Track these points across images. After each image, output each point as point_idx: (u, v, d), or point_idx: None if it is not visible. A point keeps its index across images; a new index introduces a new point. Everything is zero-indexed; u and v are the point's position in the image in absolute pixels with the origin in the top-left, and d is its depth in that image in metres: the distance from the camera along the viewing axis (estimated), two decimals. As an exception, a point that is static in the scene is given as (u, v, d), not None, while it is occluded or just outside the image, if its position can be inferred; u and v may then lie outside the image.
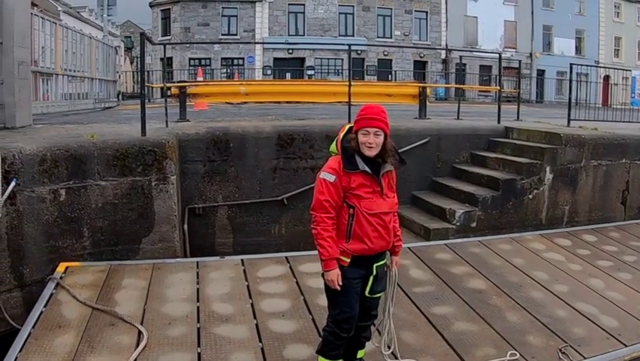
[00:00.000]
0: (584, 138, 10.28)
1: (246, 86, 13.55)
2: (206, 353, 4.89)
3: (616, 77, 21.96)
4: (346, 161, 4.11)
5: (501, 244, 8.49)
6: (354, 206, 4.10)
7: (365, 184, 4.12)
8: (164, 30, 41.51)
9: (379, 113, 4.13)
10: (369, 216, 4.11)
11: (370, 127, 4.06)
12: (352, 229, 4.11)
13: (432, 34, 43.76)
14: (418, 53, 42.82)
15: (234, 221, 9.34)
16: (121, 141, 7.40)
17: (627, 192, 10.83)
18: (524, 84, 42.33)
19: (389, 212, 4.24)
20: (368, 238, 4.12)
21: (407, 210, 10.01)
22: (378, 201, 4.16)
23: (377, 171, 4.17)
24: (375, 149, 4.09)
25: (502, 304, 6.37)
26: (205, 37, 39.15)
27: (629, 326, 6.00)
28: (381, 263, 4.35)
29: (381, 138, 4.10)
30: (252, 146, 9.36)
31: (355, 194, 4.09)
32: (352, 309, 4.24)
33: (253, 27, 40.35)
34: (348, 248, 4.13)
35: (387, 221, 4.21)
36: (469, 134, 11.32)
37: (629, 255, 8.42)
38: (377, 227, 4.14)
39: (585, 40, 48.94)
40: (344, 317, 4.25)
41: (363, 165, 4.10)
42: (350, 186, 4.08)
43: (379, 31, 42.60)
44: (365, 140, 4.06)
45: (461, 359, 5.10)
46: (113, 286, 6.19)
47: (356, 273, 4.20)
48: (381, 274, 4.36)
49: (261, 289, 6.33)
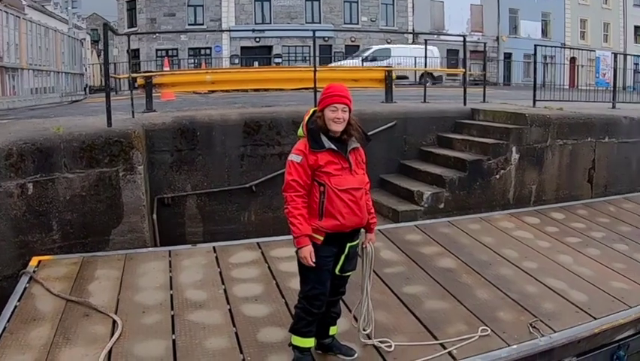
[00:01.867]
0: (549, 118, 10.42)
1: (212, 75, 13.52)
2: (180, 340, 4.91)
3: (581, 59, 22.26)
4: (312, 141, 4.23)
5: (470, 223, 8.61)
6: (324, 183, 4.19)
7: (333, 161, 4.22)
8: (130, 21, 41.03)
9: (344, 90, 4.30)
10: (340, 192, 4.20)
11: (338, 103, 4.20)
12: (324, 206, 4.21)
13: (399, 20, 43.73)
14: (385, 38, 42.78)
15: (203, 210, 9.32)
16: (87, 133, 7.36)
17: (593, 171, 11.00)
18: (492, 67, 42.72)
19: (359, 188, 4.33)
20: (340, 214, 4.21)
21: (375, 193, 9.94)
22: (347, 177, 4.26)
23: (344, 148, 4.28)
24: (342, 124, 4.23)
25: (473, 282, 6.48)
26: (171, 27, 38.74)
27: (598, 300, 6.13)
28: (354, 243, 4.44)
29: (347, 113, 4.25)
30: (219, 134, 9.35)
31: (324, 171, 4.19)
32: (323, 286, 4.34)
33: (219, 16, 40.02)
34: (321, 226, 4.22)
35: (359, 197, 4.31)
36: (435, 116, 11.42)
37: (597, 231, 8.59)
38: (348, 203, 4.23)
39: (551, 23, 49.25)
40: (315, 293, 4.33)
41: (329, 143, 4.23)
42: (318, 164, 4.18)
43: (346, 18, 42.46)
44: (333, 116, 4.19)
45: (433, 337, 5.17)
46: (87, 277, 6.18)
47: (329, 251, 4.29)
48: (352, 254, 4.45)
49: (233, 275, 6.36)
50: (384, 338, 5.01)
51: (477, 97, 13.62)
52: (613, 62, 14.21)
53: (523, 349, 5.08)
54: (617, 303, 6.09)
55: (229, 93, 15.70)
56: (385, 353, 4.82)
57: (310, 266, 4.22)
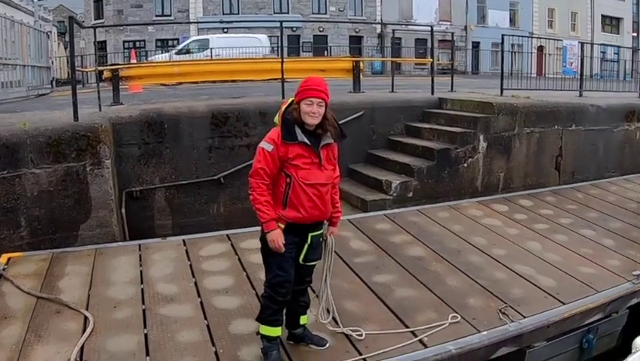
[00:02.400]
0: (516, 107, 10.54)
1: (179, 67, 13.45)
2: (152, 334, 4.90)
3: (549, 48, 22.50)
4: (286, 132, 4.24)
5: (439, 212, 8.69)
6: (291, 175, 4.21)
7: (303, 155, 4.23)
8: (97, 13, 40.46)
9: (322, 84, 4.29)
10: (306, 186, 4.23)
11: (314, 97, 4.19)
12: (289, 197, 4.24)
13: (367, 9, 43.74)
14: (353, 28, 42.83)
15: (172, 202, 9.28)
16: (53, 128, 7.28)
17: (561, 158, 11.15)
18: (460, 56, 42.93)
19: (326, 183, 4.36)
20: (303, 207, 4.25)
21: (344, 183, 10.02)
22: (315, 172, 4.28)
23: (317, 143, 4.29)
24: (317, 118, 4.23)
25: (442, 269, 6.54)
26: (139, 18, 38.27)
27: (567, 285, 6.23)
28: (317, 233, 4.47)
29: (323, 108, 4.25)
30: (186, 126, 9.30)
31: (293, 164, 4.21)
32: (287, 273, 4.37)
33: (187, 7, 39.71)
34: (283, 215, 4.26)
35: (324, 192, 4.33)
36: (403, 106, 11.49)
37: (565, 218, 8.73)
38: (312, 197, 4.26)
39: (519, 12, 49.63)
40: (279, 280, 4.37)
41: (302, 136, 4.24)
42: (287, 157, 4.20)
43: (314, 8, 42.36)
44: (309, 109, 4.19)
45: (404, 325, 5.22)
46: (57, 274, 6.12)
47: (290, 239, 4.31)
48: (316, 243, 4.49)
49: (203, 268, 6.35)
50: (355, 326, 5.05)
51: (445, 86, 13.69)
52: (580, 50, 14.37)
53: (493, 335, 5.15)
54: (586, 288, 6.20)
55: (197, 85, 15.61)
56: (357, 342, 4.85)
57: (274, 253, 4.28)
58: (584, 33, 50.84)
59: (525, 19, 49.32)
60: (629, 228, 8.43)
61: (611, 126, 11.87)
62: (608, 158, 11.97)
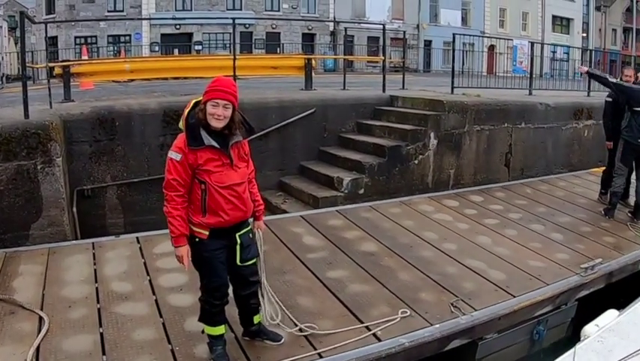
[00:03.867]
0: (466, 105, 10.74)
1: (130, 64, 13.31)
2: (108, 333, 4.87)
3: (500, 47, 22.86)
4: (191, 138, 4.13)
5: (391, 207, 8.81)
6: (205, 181, 4.13)
7: (213, 158, 4.14)
8: (49, 8, 39.41)
9: (230, 86, 4.16)
10: (221, 189, 4.16)
11: (220, 99, 4.08)
12: (206, 203, 4.16)
13: (320, 7, 43.72)
14: (306, 25, 42.80)
15: (124, 200, 9.22)
16: (3, 125, 7.16)
17: (510, 155, 11.41)
18: (412, 54, 43.24)
19: (241, 182, 4.30)
20: (223, 211, 4.18)
21: (296, 180, 10.23)
22: (229, 173, 4.20)
23: (225, 144, 4.20)
24: (223, 121, 4.11)
25: (394, 264, 6.64)
26: (91, 14, 37.45)
27: (517, 278, 6.41)
28: (243, 231, 4.42)
29: (229, 110, 4.13)
30: (138, 123, 9.25)
31: (204, 169, 4.12)
32: (220, 278, 4.36)
33: (139, 3, 39.01)
34: (205, 222, 4.19)
35: (241, 191, 4.28)
36: (354, 103, 11.60)
37: (514, 213, 8.95)
38: (231, 199, 4.20)
39: (471, 12, 50.26)
40: (213, 285, 4.37)
41: (209, 139, 4.13)
42: (197, 163, 4.11)
43: (267, 5, 42.14)
44: (214, 111, 4.08)
45: (357, 319, 5.29)
46: (10, 273, 6.04)
47: (217, 244, 4.28)
48: (246, 241, 4.44)
49: (158, 265, 6.33)
50: (309, 322, 5.10)
51: (397, 84, 13.84)
52: (530, 50, 14.65)
53: (445, 328, 5.26)
54: (535, 281, 6.38)
55: (149, 82, 15.48)
56: (312, 337, 4.91)
57: (204, 260, 4.28)
58: (535, 33, 51.77)
59: (477, 18, 49.97)
60: (577, 222, 8.68)
61: (559, 124, 12.21)
62: (556, 155, 12.31)
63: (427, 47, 46.70)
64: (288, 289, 5.75)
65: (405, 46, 20.94)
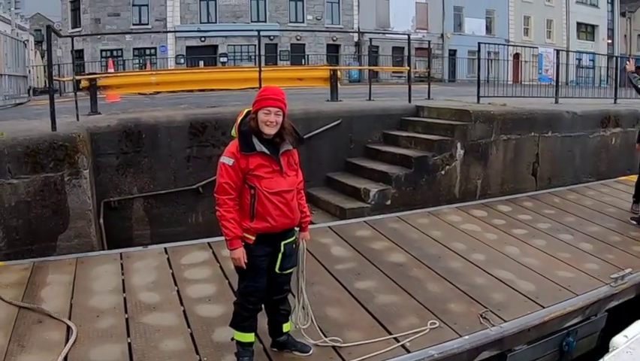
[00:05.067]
0: (493, 114, 10.65)
1: (156, 76, 13.42)
2: (136, 343, 4.87)
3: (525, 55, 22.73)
4: (243, 144, 4.23)
5: (419, 218, 8.73)
6: (255, 186, 4.21)
7: (264, 164, 4.23)
8: (74, 22, 40.06)
9: (279, 93, 4.30)
10: (270, 195, 4.23)
11: (271, 106, 4.20)
12: (255, 208, 4.23)
13: (344, 18, 43.84)
14: (330, 36, 42.91)
15: (151, 212, 9.26)
16: (31, 138, 7.25)
17: (537, 164, 11.29)
18: (437, 64, 43.17)
19: (290, 190, 4.36)
20: (271, 216, 4.24)
21: (322, 191, 10.19)
22: (278, 180, 4.28)
23: (276, 151, 4.29)
24: (275, 127, 4.23)
25: (423, 275, 6.57)
26: (116, 27, 37.97)
27: (546, 289, 6.29)
28: (289, 241, 4.47)
29: (280, 117, 4.25)
30: (164, 136, 9.29)
31: (255, 175, 4.20)
32: (258, 283, 4.39)
33: (165, 16, 39.49)
34: (253, 227, 4.26)
35: (289, 199, 4.34)
36: (380, 114, 11.58)
37: (543, 223, 8.80)
38: (279, 205, 4.26)
39: (495, 20, 50.11)
40: (249, 290, 4.41)
41: (260, 146, 4.23)
42: (249, 168, 4.19)
43: (292, 16, 42.38)
44: (266, 118, 4.19)
45: (386, 330, 5.24)
46: (38, 283, 6.07)
47: (262, 250, 4.33)
48: (289, 251, 4.49)
49: (186, 276, 6.34)
50: (337, 333, 5.07)
51: (422, 94, 13.80)
52: (555, 58, 14.54)
53: (474, 339, 5.18)
54: (565, 292, 6.26)
55: (174, 94, 15.57)
56: (340, 348, 4.86)
57: (246, 265, 4.29)
58: (560, 40, 51.47)
59: (501, 26, 49.79)
60: (606, 232, 8.52)
61: (587, 132, 12.04)
62: (584, 164, 12.14)
63: (451, 57, 46.57)
64: (316, 300, 5.69)
65: (430, 55, 20.84)
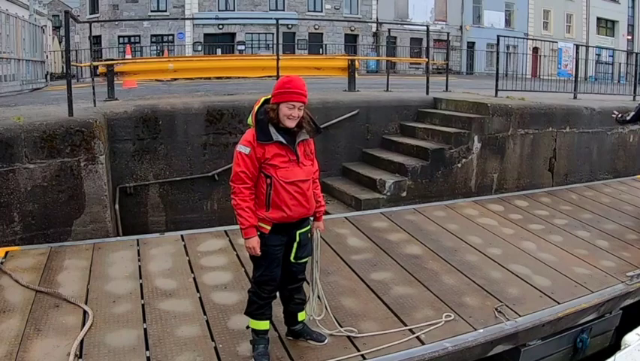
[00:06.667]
0: (510, 108, 10.58)
1: (174, 63, 13.42)
2: (152, 329, 4.90)
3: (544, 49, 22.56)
4: (260, 133, 4.22)
5: (435, 210, 8.71)
6: (271, 176, 4.19)
7: (280, 154, 4.22)
8: (92, 7, 40.09)
9: (303, 87, 4.25)
10: (287, 184, 4.22)
11: (296, 101, 4.18)
12: (271, 198, 4.22)
13: (362, 8, 43.67)
14: (349, 26, 42.76)
15: (166, 199, 9.28)
16: (48, 123, 7.26)
17: (554, 160, 11.22)
18: (455, 56, 42.98)
19: (306, 180, 4.34)
20: (287, 206, 4.24)
21: (338, 181, 10.18)
22: (294, 169, 4.26)
23: (292, 141, 4.28)
24: (296, 120, 4.23)
25: (439, 268, 6.56)
26: (134, 13, 38.02)
27: (561, 285, 6.27)
28: (304, 230, 4.47)
29: (302, 111, 4.24)
30: (181, 123, 9.30)
31: (271, 164, 4.19)
32: (273, 272, 4.39)
33: (182, 3, 39.43)
34: (268, 216, 4.25)
35: (305, 188, 4.33)
36: (397, 105, 11.53)
37: (560, 218, 8.76)
38: (295, 195, 4.25)
39: (515, 13, 49.80)
40: (264, 279, 4.40)
41: (277, 135, 4.22)
42: (265, 157, 4.18)
43: (310, 5, 42.24)
44: (289, 112, 4.18)
45: (401, 322, 5.25)
46: (55, 268, 6.10)
47: (277, 240, 4.33)
48: (304, 240, 4.49)
49: (202, 263, 6.36)
50: (352, 323, 5.10)
51: (440, 85, 13.75)
52: (575, 53, 14.42)
53: (489, 333, 5.18)
54: (580, 288, 6.24)
55: (192, 81, 15.60)
56: (355, 338, 4.88)
57: (261, 254, 4.29)
58: (579, 35, 51.12)
59: (520, 20, 49.46)
60: (623, 230, 8.47)
61: (604, 129, 11.94)
62: (601, 161, 12.06)
63: (470, 49, 46.34)
64: (332, 289, 5.71)
65: (448, 47, 20.72)
